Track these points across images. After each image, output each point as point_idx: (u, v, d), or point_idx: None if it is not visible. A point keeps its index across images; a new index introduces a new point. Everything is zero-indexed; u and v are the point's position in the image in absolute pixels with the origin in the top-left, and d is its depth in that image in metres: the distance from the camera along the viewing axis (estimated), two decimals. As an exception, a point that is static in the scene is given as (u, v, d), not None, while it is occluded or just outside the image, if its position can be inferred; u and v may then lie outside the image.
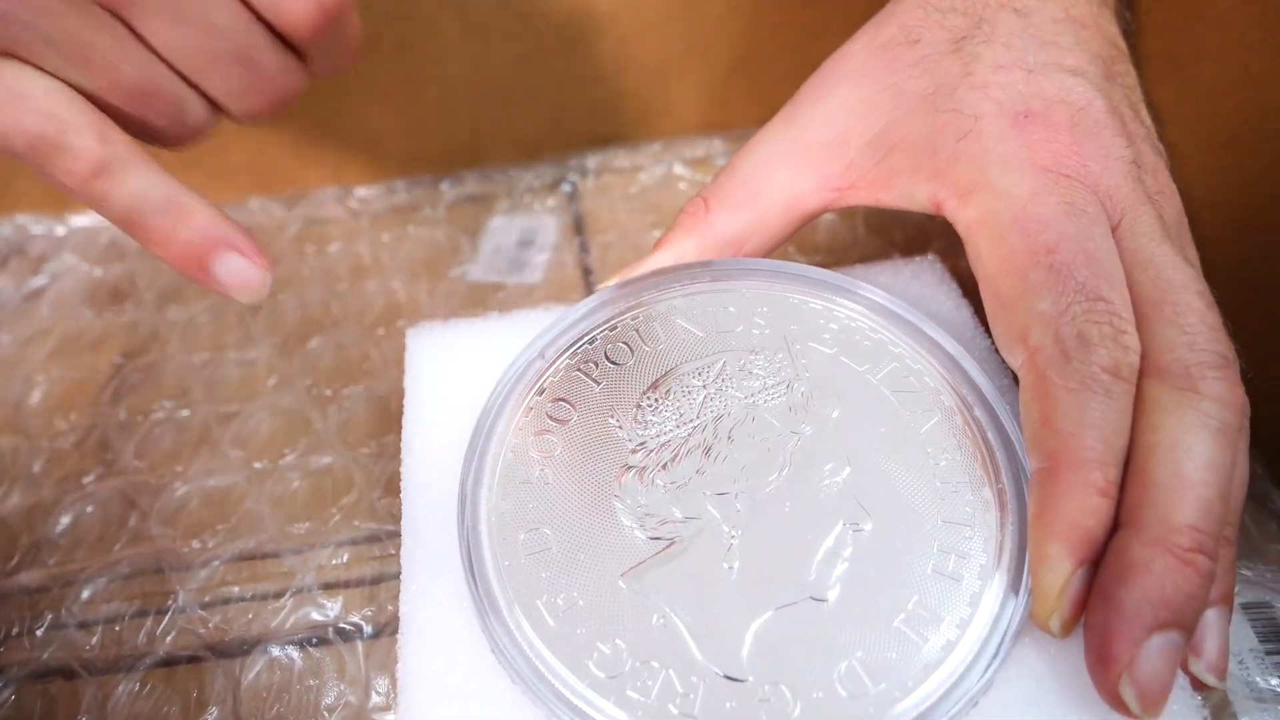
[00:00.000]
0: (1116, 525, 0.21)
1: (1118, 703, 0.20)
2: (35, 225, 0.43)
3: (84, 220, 0.44)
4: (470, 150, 0.45)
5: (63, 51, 0.24)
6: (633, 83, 0.44)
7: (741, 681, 0.21)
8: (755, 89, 0.45)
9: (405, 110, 0.44)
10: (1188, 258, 0.24)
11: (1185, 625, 0.20)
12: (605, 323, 0.26)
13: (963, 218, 0.24)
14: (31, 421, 0.35)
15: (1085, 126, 0.24)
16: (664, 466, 0.24)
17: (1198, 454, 0.21)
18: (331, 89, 0.43)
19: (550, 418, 0.25)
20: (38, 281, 0.41)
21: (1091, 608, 0.20)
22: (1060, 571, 0.21)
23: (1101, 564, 0.21)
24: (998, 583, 0.22)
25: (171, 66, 0.27)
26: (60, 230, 0.43)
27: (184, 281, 0.41)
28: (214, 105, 0.30)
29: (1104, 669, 0.20)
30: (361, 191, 0.44)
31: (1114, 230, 0.23)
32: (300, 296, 0.39)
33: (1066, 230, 0.22)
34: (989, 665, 0.21)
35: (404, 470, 0.25)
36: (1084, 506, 0.21)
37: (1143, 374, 0.22)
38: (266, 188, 0.45)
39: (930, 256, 0.30)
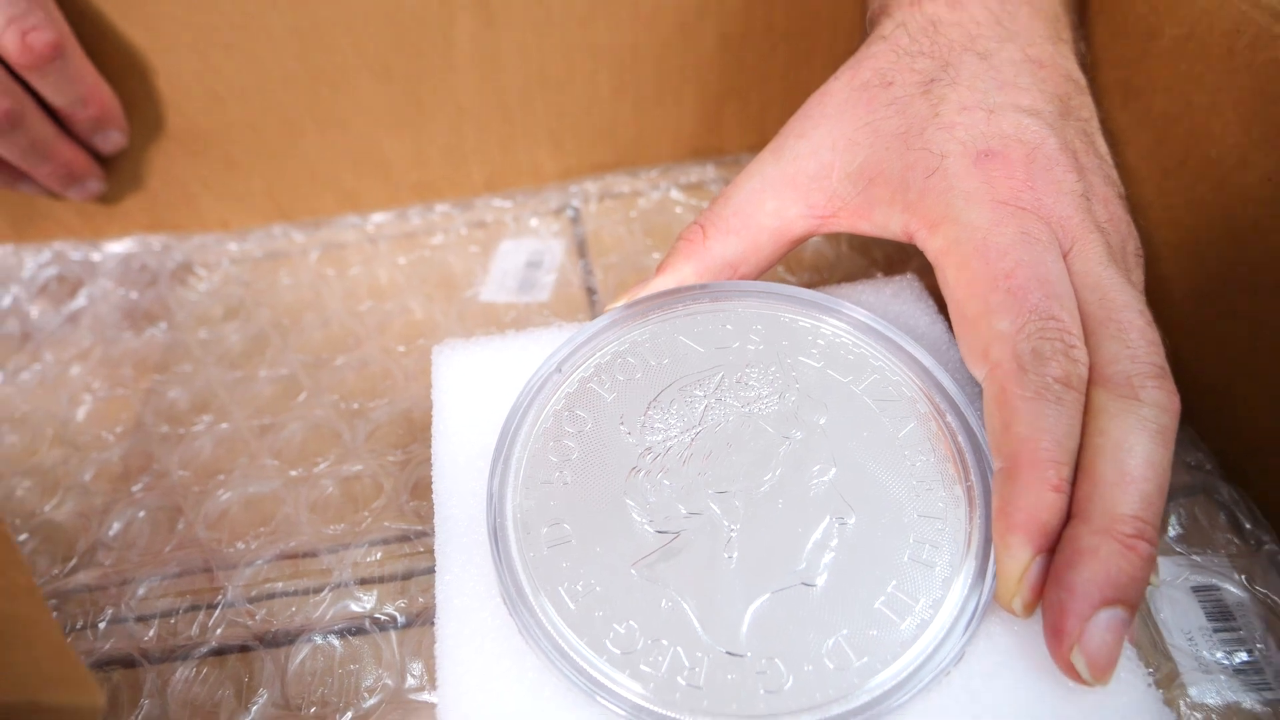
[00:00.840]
0: (1069, 517, 0.24)
1: (1071, 671, 0.23)
2: (73, 252, 0.46)
3: (118, 247, 0.46)
4: (479, 178, 0.48)
5: None
6: (631, 112, 0.47)
7: (741, 657, 0.24)
8: (745, 116, 0.48)
9: (417, 140, 0.47)
10: (1131, 280, 0.27)
11: (1129, 602, 0.23)
12: (615, 340, 0.29)
13: (931, 246, 0.27)
14: (80, 435, 0.38)
15: (1040, 163, 0.27)
16: (670, 468, 0.27)
17: (1139, 453, 0.24)
18: (347, 119, 0.46)
19: (568, 425, 0.28)
20: (76, 304, 0.44)
21: (1048, 589, 0.23)
22: (1020, 559, 0.23)
23: (1056, 551, 0.24)
24: (967, 569, 0.25)
25: None
26: (96, 256, 0.46)
27: (212, 304, 0.44)
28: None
29: (1058, 642, 0.23)
30: (377, 217, 0.47)
31: (1065, 255, 0.26)
32: (324, 317, 0.42)
33: (1022, 257, 0.25)
34: (959, 641, 0.24)
35: (435, 474, 0.28)
36: (1040, 501, 0.24)
37: (1090, 383, 0.25)
38: (288, 215, 0.48)
39: (909, 275, 0.33)
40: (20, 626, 0.19)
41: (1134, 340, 0.25)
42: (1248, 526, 0.31)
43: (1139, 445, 0.24)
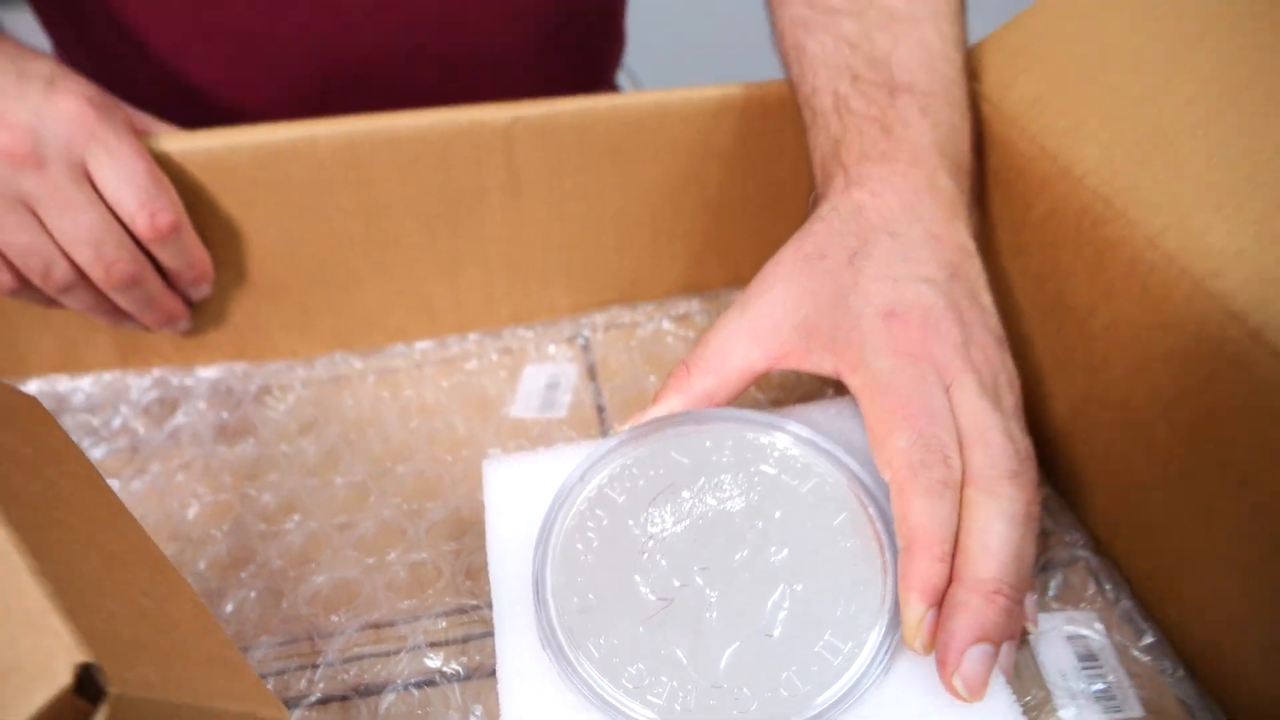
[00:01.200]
0: (950, 581, 0.33)
1: (954, 692, 0.32)
2: (172, 377, 0.56)
3: (208, 373, 0.56)
4: (505, 312, 0.58)
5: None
6: (631, 260, 0.57)
7: (720, 688, 0.33)
8: (723, 262, 0.58)
9: (455, 284, 0.57)
10: (1001, 405, 0.37)
11: (994, 640, 0.32)
12: (623, 456, 0.39)
13: (852, 384, 0.37)
14: (192, 532, 0.47)
15: (930, 321, 0.37)
16: (665, 551, 0.36)
17: (997, 533, 0.33)
18: (399, 269, 0.56)
19: (589, 521, 0.37)
20: (176, 422, 0.54)
21: (938, 632, 0.33)
22: (918, 611, 0.33)
23: (943, 605, 0.33)
24: (882, 620, 0.34)
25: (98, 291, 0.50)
26: (190, 381, 0.56)
27: (290, 422, 0.53)
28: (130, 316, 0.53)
29: (944, 670, 0.32)
30: (422, 346, 0.57)
31: (948, 389, 0.36)
32: (384, 433, 0.52)
33: (915, 394, 0.35)
34: (876, 672, 0.33)
35: (490, 560, 0.38)
36: (930, 570, 0.33)
37: (964, 484, 0.34)
38: (348, 344, 0.58)
39: (848, 398, 0.43)
40: (233, 666, 0.28)
41: (995, 452, 0.35)
42: (1109, 588, 0.41)
43: (997, 527, 0.33)
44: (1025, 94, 0.47)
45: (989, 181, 0.50)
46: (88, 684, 0.23)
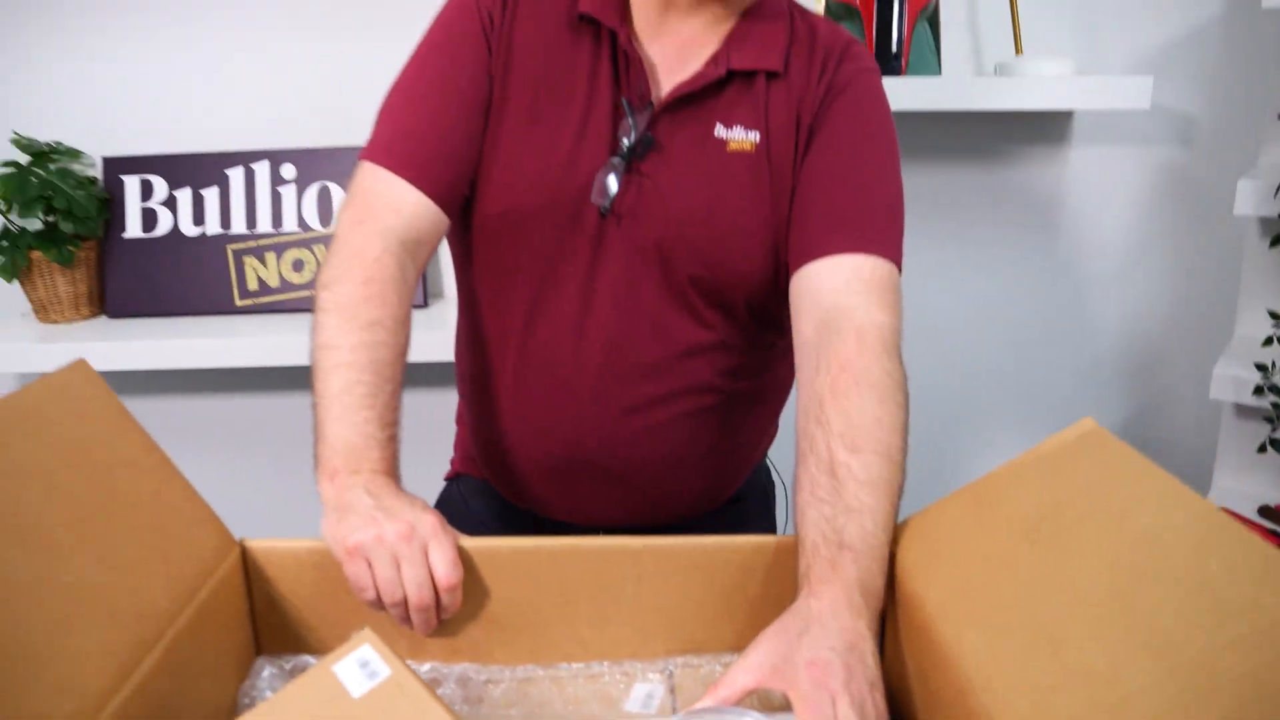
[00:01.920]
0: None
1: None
2: (439, 667, 1.00)
3: (458, 668, 1.00)
4: (626, 651, 1.01)
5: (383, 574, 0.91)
6: (700, 627, 1.00)
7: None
8: (755, 631, 1.01)
9: (600, 631, 1.00)
10: (862, 713, 0.76)
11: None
12: (681, 723, 0.80)
13: (791, 698, 0.78)
14: (451, 752, 0.89)
15: (830, 670, 0.78)
16: (696, 769, 0.76)
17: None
18: (569, 618, 1.00)
19: (661, 752, 0.77)
20: (440, 691, 0.97)
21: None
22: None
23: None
24: (793, 812, 0.73)
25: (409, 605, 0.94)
26: (446, 670, 0.99)
27: (505, 701, 0.96)
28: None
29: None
30: (576, 665, 0.99)
31: (835, 704, 0.76)
32: (554, 711, 0.93)
33: (818, 705, 0.76)
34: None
35: (612, 768, 0.78)
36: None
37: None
38: (535, 659, 1.01)
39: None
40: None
41: (848, 733, 0.75)
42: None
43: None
44: (913, 558, 0.92)
45: (896, 602, 0.92)
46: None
